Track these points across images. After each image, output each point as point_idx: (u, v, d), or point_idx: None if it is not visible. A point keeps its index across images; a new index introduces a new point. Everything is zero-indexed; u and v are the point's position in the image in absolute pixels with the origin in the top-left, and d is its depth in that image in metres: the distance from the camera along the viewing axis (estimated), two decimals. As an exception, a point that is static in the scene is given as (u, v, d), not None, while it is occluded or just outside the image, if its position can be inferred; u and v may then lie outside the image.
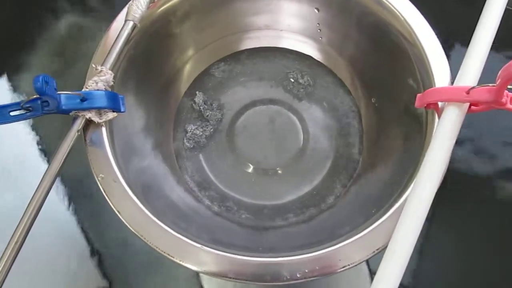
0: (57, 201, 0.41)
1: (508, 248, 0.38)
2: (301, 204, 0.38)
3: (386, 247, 0.27)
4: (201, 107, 0.41)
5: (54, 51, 0.48)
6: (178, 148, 0.41)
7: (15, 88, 0.46)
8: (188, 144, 0.40)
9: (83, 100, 0.30)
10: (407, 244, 0.26)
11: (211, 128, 0.41)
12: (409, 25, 0.33)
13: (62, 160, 0.29)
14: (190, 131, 0.41)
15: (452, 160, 0.27)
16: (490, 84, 0.27)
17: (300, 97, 0.42)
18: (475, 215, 0.40)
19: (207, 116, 0.41)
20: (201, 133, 0.41)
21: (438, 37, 0.33)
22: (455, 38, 0.43)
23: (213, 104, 0.42)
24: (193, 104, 0.42)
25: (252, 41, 0.43)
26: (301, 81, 0.43)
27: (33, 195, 0.27)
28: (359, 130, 0.41)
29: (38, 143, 0.44)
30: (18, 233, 0.26)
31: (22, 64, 0.47)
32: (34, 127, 0.44)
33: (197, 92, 0.42)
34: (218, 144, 0.41)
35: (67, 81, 0.46)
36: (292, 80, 0.43)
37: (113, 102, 0.31)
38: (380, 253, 0.27)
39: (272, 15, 0.41)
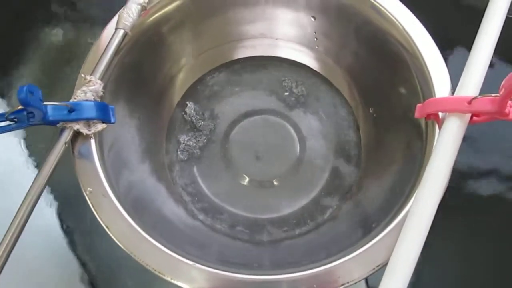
0: (48, 215, 0.40)
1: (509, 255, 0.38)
2: (298, 217, 0.37)
3: (387, 263, 0.26)
4: (193, 118, 0.40)
5: (47, 61, 0.47)
6: (171, 160, 0.40)
7: (5, 99, 0.45)
8: (181, 156, 0.39)
9: (71, 111, 0.29)
10: (409, 262, 0.25)
11: (205, 139, 0.40)
12: (408, 33, 0.33)
13: (49, 174, 0.28)
14: (183, 142, 0.40)
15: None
16: (493, 94, 0.26)
17: (296, 107, 0.42)
18: (476, 221, 0.39)
19: (200, 126, 0.40)
20: (194, 144, 0.40)
21: (437, 46, 0.32)
22: (455, 47, 0.42)
23: (205, 114, 0.41)
24: (184, 115, 0.41)
25: (247, 50, 0.42)
26: (296, 90, 0.42)
27: (18, 209, 0.26)
28: (357, 141, 0.40)
29: (28, 152, 0.43)
30: (2, 249, 0.25)
31: (13, 74, 0.47)
32: (24, 136, 0.43)
33: (187, 103, 0.41)
34: (212, 155, 0.40)
35: (60, 92, 0.45)
36: (287, 90, 0.42)
37: (103, 113, 0.30)
38: (380, 270, 0.26)
39: (267, 23, 0.41)
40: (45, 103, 0.28)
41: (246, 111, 0.41)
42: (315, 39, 0.40)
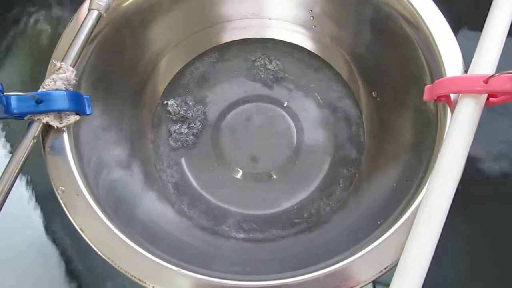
0: (34, 217, 0.37)
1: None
2: (296, 213, 0.35)
3: (396, 264, 0.23)
4: (181, 111, 0.37)
5: (34, 52, 0.44)
6: (157, 155, 0.37)
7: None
8: (172, 143, 0.37)
9: (38, 102, 0.26)
10: (421, 263, 0.22)
11: (200, 125, 0.38)
12: (413, 6, 0.29)
13: (16, 171, 0.25)
14: (174, 131, 0.37)
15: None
16: (513, 71, 0.23)
17: (292, 93, 0.39)
18: (481, 217, 0.36)
19: (191, 116, 0.38)
20: (187, 131, 0.37)
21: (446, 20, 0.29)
22: (465, 20, 0.39)
23: (189, 103, 0.38)
24: (170, 115, 0.38)
25: (237, 32, 0.39)
26: (292, 76, 0.39)
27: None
28: (360, 128, 0.37)
29: (6, 145, 0.40)
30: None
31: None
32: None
33: (167, 102, 0.38)
34: (201, 148, 0.37)
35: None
36: (282, 75, 0.39)
37: (76, 103, 0.28)
38: (388, 272, 0.24)
39: (259, 2, 0.38)
40: (6, 93, 0.25)
41: (237, 99, 0.39)
42: (312, 18, 0.37)
